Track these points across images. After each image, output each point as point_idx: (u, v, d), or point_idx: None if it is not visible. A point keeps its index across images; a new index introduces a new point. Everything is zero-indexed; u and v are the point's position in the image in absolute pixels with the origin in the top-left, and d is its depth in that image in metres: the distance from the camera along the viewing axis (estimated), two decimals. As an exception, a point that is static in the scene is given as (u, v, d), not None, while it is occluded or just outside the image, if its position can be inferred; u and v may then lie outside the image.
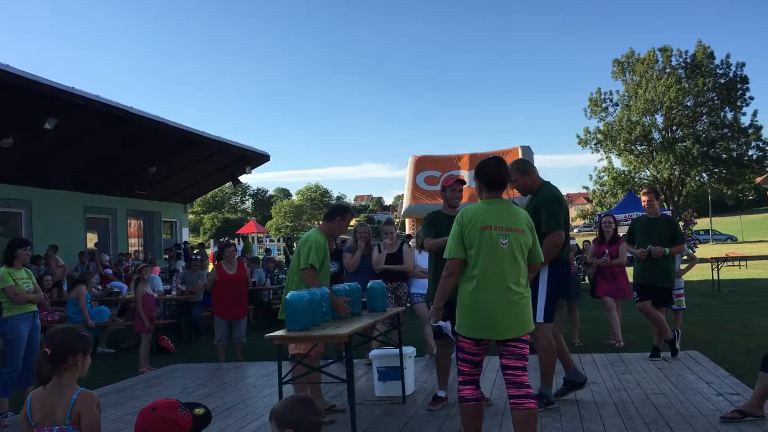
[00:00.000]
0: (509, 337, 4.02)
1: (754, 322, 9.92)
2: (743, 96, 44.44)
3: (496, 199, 4.23)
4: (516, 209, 4.24)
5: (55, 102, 12.16)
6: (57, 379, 2.94)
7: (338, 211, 5.93)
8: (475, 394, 4.10)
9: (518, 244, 4.09)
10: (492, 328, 4.02)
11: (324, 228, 5.89)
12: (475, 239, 4.04)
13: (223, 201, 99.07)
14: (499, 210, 4.15)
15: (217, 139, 17.50)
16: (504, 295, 4.00)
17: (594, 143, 46.21)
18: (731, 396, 5.59)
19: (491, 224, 4.06)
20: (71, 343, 2.97)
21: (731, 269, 22.18)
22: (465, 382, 4.12)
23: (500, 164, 4.32)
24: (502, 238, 4.04)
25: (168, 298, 12.14)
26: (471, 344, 4.10)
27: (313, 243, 5.63)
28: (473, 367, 4.13)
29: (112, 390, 7.48)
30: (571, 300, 9.03)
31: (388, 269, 7.82)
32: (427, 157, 20.23)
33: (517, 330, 4.02)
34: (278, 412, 2.48)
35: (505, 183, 4.29)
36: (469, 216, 4.11)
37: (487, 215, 4.10)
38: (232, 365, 8.66)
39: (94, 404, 2.94)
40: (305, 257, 5.58)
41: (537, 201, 5.55)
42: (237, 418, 5.92)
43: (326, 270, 5.78)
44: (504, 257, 4.04)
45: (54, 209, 16.77)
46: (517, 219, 4.16)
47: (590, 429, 4.95)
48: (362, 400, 6.16)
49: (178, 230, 23.83)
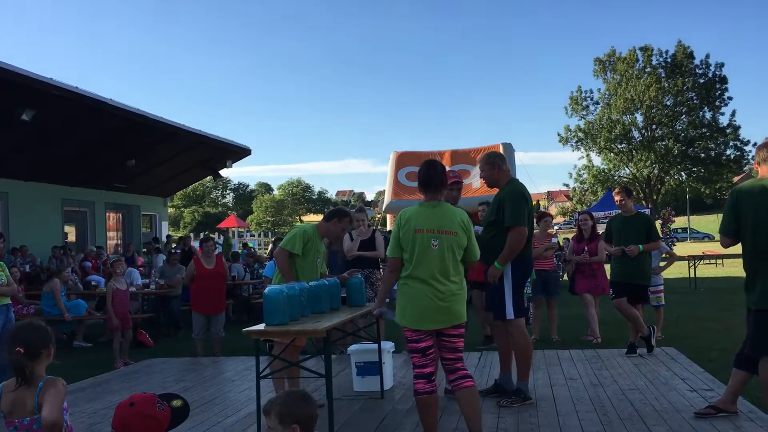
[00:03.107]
0: (439, 328, 4.37)
1: (729, 320, 10.04)
2: (722, 96, 45.01)
3: (432, 202, 4.47)
4: (451, 211, 4.47)
5: (32, 93, 12.00)
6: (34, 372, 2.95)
7: (336, 214, 6.02)
8: (426, 387, 4.32)
9: (449, 245, 4.37)
10: (423, 320, 4.34)
11: (320, 226, 5.96)
12: (409, 241, 4.35)
13: (204, 195, 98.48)
14: (432, 213, 4.41)
15: (197, 133, 17.37)
16: (431, 291, 4.31)
17: (575, 141, 46.60)
18: (705, 392, 5.66)
19: (423, 227, 4.36)
20: (39, 337, 2.99)
21: (708, 267, 22.46)
22: (417, 375, 4.37)
23: (430, 167, 4.53)
24: (433, 239, 4.34)
25: (146, 293, 12.05)
26: (411, 331, 4.39)
27: (299, 231, 5.77)
28: (421, 356, 4.36)
29: (89, 384, 7.42)
30: (549, 297, 9.10)
31: (360, 255, 8.02)
32: (409, 153, 20.19)
33: (444, 322, 4.36)
34: (280, 408, 2.43)
35: (434, 185, 4.46)
36: (405, 219, 4.42)
37: (420, 218, 4.39)
38: (210, 360, 8.62)
39: (59, 382, 2.95)
40: (284, 240, 5.79)
41: (502, 195, 5.59)
42: (215, 412, 5.90)
43: (312, 261, 5.78)
44: (434, 257, 4.33)
45: (31, 202, 16.58)
46: (450, 221, 4.41)
47: (566, 424, 4.98)
48: (341, 395, 6.16)
49: (158, 224, 23.65)
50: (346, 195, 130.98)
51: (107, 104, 13.72)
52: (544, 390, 5.98)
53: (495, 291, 5.59)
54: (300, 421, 2.41)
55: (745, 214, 4.47)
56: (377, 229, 8.94)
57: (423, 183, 4.51)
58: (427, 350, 4.39)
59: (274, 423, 2.43)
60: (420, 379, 4.35)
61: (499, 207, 5.51)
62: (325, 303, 5.58)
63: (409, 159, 19.65)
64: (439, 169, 4.55)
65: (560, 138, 46.87)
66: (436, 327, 4.38)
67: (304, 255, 5.70)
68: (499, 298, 5.58)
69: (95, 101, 13.42)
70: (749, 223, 4.44)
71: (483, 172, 5.79)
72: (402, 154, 20.20)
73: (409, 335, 4.42)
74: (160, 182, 21.50)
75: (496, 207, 5.56)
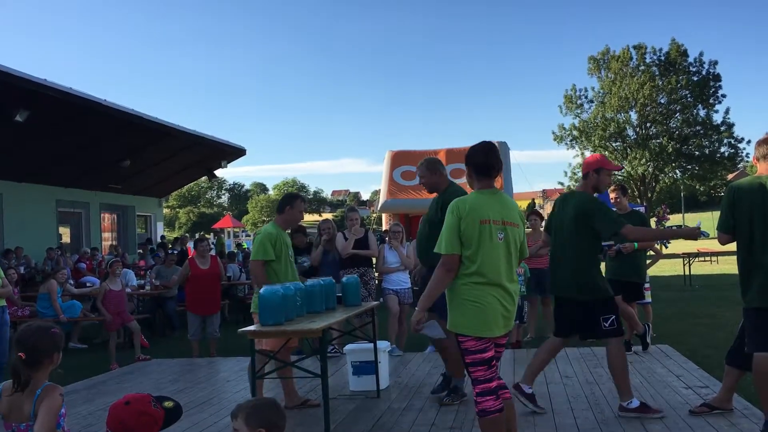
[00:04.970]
0: (499, 335, 3.78)
1: (724, 317, 10.08)
2: (716, 94, 45.10)
3: (489, 190, 3.90)
4: (510, 200, 3.96)
5: (26, 94, 11.97)
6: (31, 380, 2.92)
7: (286, 201, 5.94)
8: (496, 404, 3.68)
9: (513, 238, 3.84)
10: (490, 327, 3.74)
11: (279, 221, 5.89)
12: (475, 234, 3.72)
13: (199, 195, 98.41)
14: (494, 201, 3.84)
15: (192, 133, 17.35)
16: (500, 292, 3.76)
17: (569, 139, 46.63)
18: (700, 389, 5.68)
19: (489, 217, 3.75)
20: (45, 345, 2.94)
21: (702, 264, 22.50)
22: (484, 392, 3.70)
23: (491, 149, 3.95)
24: (499, 232, 3.76)
25: (142, 293, 12.03)
26: (475, 341, 3.74)
27: (262, 236, 5.67)
28: (487, 369, 3.72)
29: (84, 386, 7.40)
30: (544, 295, 9.12)
31: (355, 254, 8.09)
32: (404, 152, 20.21)
33: (506, 327, 3.83)
34: (249, 411, 2.47)
35: (495, 170, 3.90)
36: (466, 208, 3.75)
37: (484, 207, 3.78)
38: (205, 360, 8.61)
39: (57, 392, 2.92)
40: (253, 251, 5.68)
41: (445, 198, 5.57)
42: (211, 413, 5.89)
43: (286, 259, 5.73)
44: (501, 252, 3.77)
45: (25, 203, 16.54)
46: (512, 211, 3.88)
47: (562, 422, 4.99)
48: (336, 394, 6.16)
49: (153, 224, 23.61)
50: (342, 194, 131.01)
51: (101, 105, 13.70)
52: (540, 388, 5.98)
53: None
54: (267, 426, 2.44)
55: (744, 212, 4.46)
56: (370, 228, 8.99)
57: (483, 167, 3.88)
58: (492, 361, 3.75)
59: (240, 425, 2.46)
60: (487, 396, 3.68)
61: (442, 209, 5.57)
62: (320, 303, 5.59)
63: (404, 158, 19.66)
64: (497, 152, 3.98)
65: (555, 136, 46.94)
66: (501, 333, 3.79)
67: (278, 257, 5.65)
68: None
69: (89, 102, 13.40)
70: (747, 221, 4.44)
71: (423, 178, 5.76)
72: (397, 153, 20.22)
73: (471, 345, 3.73)
74: (154, 183, 21.46)
75: (438, 209, 5.56)
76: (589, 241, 5.07)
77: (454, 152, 17.86)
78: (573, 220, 5.08)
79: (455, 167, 14.96)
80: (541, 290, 9.02)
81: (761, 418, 4.51)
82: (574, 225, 5.07)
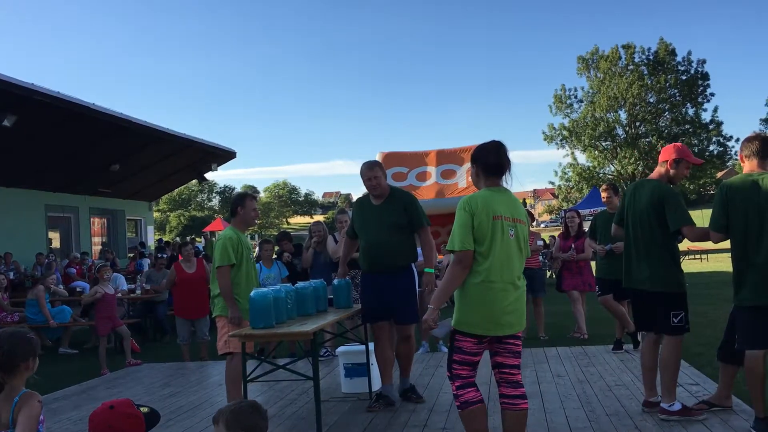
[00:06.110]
0: (509, 333, 3.78)
1: (714, 314, 10.12)
2: (704, 92, 45.29)
3: (499, 187, 3.91)
4: (515, 198, 3.95)
5: (14, 99, 11.90)
6: (6, 385, 2.86)
7: (237, 203, 5.89)
8: (477, 395, 3.77)
9: (522, 235, 3.85)
10: (492, 325, 3.73)
11: (235, 224, 5.87)
12: (488, 230, 3.72)
13: (190, 199, 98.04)
14: (504, 198, 3.85)
15: (182, 136, 17.29)
16: (509, 290, 3.76)
17: (559, 139, 46.69)
18: (691, 386, 5.69)
19: (501, 213, 3.77)
20: (20, 349, 2.88)
21: (693, 262, 22.62)
22: (464, 385, 3.78)
23: (502, 148, 3.94)
24: (510, 229, 3.78)
25: (132, 298, 11.97)
26: (473, 343, 3.77)
27: (224, 241, 5.63)
28: (471, 370, 3.80)
29: (75, 391, 7.36)
30: (535, 295, 9.13)
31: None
32: (395, 154, 20.14)
33: (517, 325, 3.80)
34: (230, 416, 2.46)
35: (507, 169, 3.91)
36: (478, 204, 3.75)
37: (496, 203, 3.78)
38: (196, 364, 8.57)
39: (35, 399, 2.85)
40: (217, 258, 5.60)
41: (404, 200, 5.69)
42: (202, 417, 5.86)
43: (248, 262, 5.72)
44: (513, 249, 3.79)
45: (14, 208, 16.44)
46: (520, 209, 3.92)
47: (553, 421, 5.00)
48: (328, 397, 6.15)
49: (143, 228, 23.52)
50: (333, 196, 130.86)
51: (89, 109, 13.64)
52: (532, 387, 5.99)
53: (410, 295, 5.79)
54: (249, 429, 2.43)
55: (737, 209, 4.46)
56: None
57: (495, 166, 3.88)
58: (477, 364, 3.84)
59: (221, 430, 2.44)
60: (468, 389, 3.76)
61: (405, 210, 5.61)
62: (312, 305, 5.58)
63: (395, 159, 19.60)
64: (507, 151, 3.96)
65: (545, 136, 46.97)
66: (506, 333, 3.76)
67: (240, 261, 5.62)
68: (413, 302, 5.83)
69: (77, 106, 13.33)
70: (741, 219, 4.44)
71: (376, 179, 5.68)
72: (388, 154, 20.16)
73: (467, 346, 3.77)
74: (144, 186, 21.38)
75: (402, 210, 5.61)
76: (664, 230, 4.84)
77: (445, 153, 17.80)
78: (648, 209, 4.87)
79: (446, 168, 14.92)
80: (532, 290, 9.02)
81: (752, 414, 4.52)
82: (647, 214, 4.87)
